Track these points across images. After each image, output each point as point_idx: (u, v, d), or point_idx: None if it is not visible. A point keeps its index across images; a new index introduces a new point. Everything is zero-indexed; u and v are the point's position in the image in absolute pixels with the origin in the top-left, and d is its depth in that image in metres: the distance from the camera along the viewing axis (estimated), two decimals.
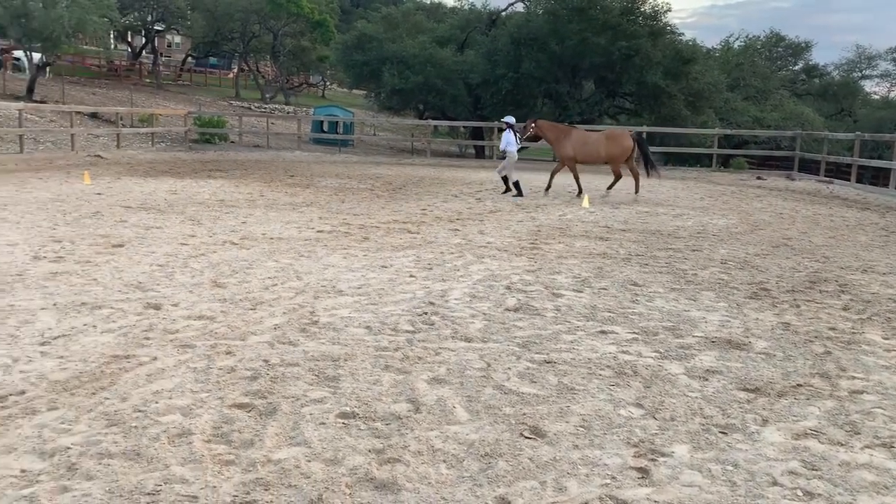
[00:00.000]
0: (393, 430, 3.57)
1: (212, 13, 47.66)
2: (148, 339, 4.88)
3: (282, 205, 12.58)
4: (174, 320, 5.34)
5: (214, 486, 2.94)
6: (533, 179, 17.80)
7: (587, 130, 17.71)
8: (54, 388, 3.94)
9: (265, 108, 46.99)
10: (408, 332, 5.25)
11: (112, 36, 50.94)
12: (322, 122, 35.16)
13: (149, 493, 2.87)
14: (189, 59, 61.01)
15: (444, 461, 3.27)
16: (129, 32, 52.91)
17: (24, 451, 3.20)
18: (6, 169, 17.30)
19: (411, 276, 7.15)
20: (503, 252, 8.58)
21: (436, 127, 35.73)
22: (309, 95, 62.02)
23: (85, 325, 5.14)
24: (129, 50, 56.51)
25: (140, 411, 3.68)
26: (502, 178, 15.92)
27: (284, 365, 4.44)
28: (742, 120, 33.01)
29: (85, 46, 46.14)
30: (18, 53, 40.35)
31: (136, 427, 3.49)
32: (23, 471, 3.03)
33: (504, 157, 15.85)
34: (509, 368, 4.51)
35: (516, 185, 15.31)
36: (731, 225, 11.74)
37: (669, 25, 32.56)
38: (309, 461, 3.20)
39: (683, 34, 48.99)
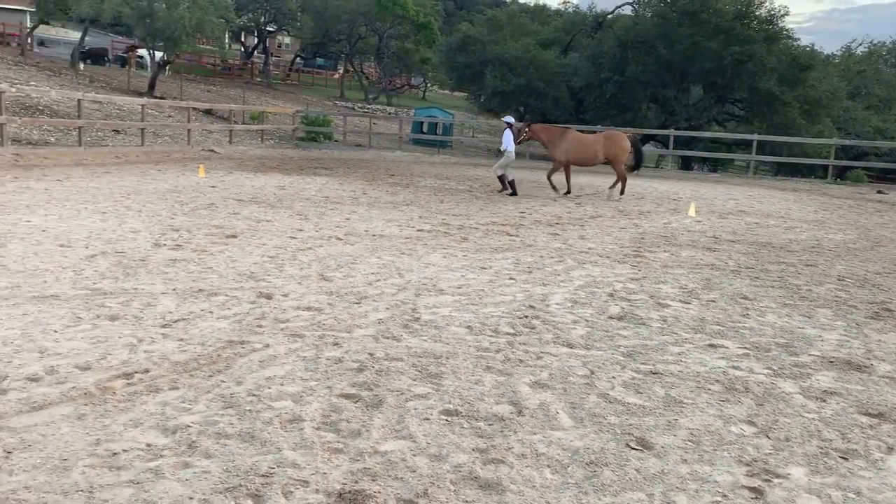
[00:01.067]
0: (496, 430, 3.57)
1: (321, 15, 49.19)
2: (260, 326, 5.07)
3: (383, 203, 12.82)
4: (284, 310, 5.53)
5: (324, 473, 3.03)
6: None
7: (583, 132, 17.71)
8: (175, 369, 4.16)
9: (368, 108, 48.07)
10: (508, 334, 5.23)
11: (227, 36, 53.37)
12: (422, 123, 35.61)
13: (263, 475, 2.98)
14: (297, 59, 63.17)
15: (549, 466, 3.24)
16: (243, 33, 55.34)
17: (149, 427, 3.40)
18: (129, 160, 18.41)
19: (511, 278, 7.14)
20: (605, 258, 8.43)
21: None
22: (410, 97, 62.99)
23: (202, 310, 5.40)
24: (243, 50, 59.06)
25: (254, 395, 3.83)
26: (498, 177, 15.89)
27: (389, 359, 4.52)
28: (862, 130, 31.20)
29: (202, 46, 48.59)
30: (142, 52, 42.95)
31: (250, 410, 3.63)
32: (148, 445, 3.22)
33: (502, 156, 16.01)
34: (614, 377, 4.42)
35: (511, 184, 15.55)
36: (848, 240, 11.10)
37: (786, 30, 31.22)
38: (414, 455, 3.24)
39: (800, 39, 46.68)
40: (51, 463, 2.99)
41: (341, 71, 62.38)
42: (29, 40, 41.67)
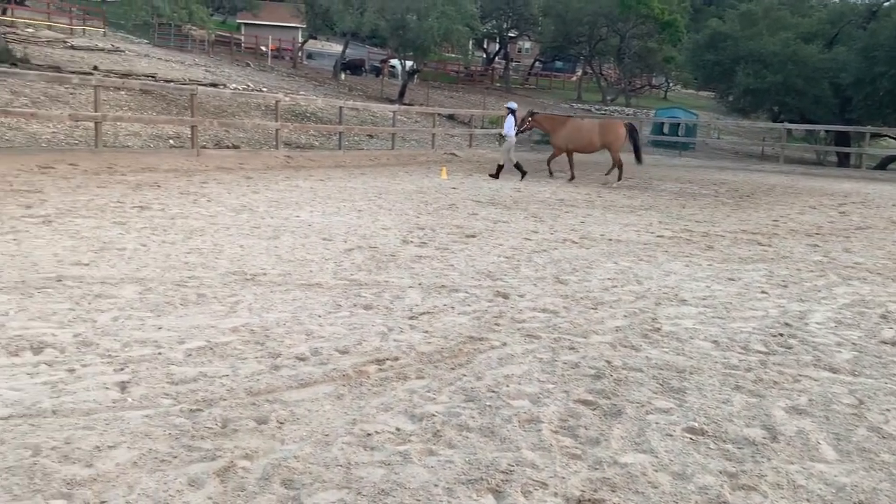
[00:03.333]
0: (746, 455, 3.31)
1: (562, 18, 49.34)
2: (498, 325, 5.19)
3: (620, 207, 12.54)
4: (521, 310, 5.61)
5: (563, 478, 3.01)
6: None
7: (583, 119, 18.85)
8: (421, 359, 4.39)
9: (605, 110, 47.33)
10: (760, 352, 4.84)
11: (471, 44, 55.58)
12: (662, 124, 34.27)
13: (503, 472, 3.04)
14: (536, 63, 63.98)
15: (808, 500, 2.94)
16: (486, 40, 57.20)
17: (398, 412, 3.61)
18: (380, 162, 19.87)
19: (763, 291, 6.60)
20: (876, 275, 7.49)
21: (790, 131, 32.61)
22: (650, 97, 60.96)
23: (445, 305, 5.65)
24: (484, 56, 61.09)
25: (493, 392, 3.92)
26: (504, 163, 16.65)
27: (627, 369, 4.39)
28: None
29: (447, 54, 51.10)
30: (394, 62, 46.22)
31: (490, 406, 3.73)
32: (397, 429, 3.42)
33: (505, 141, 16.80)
34: (888, 410, 3.90)
35: (499, 168, 16.50)
36: None
37: None
38: (656, 471, 3.11)
39: None
40: (315, 437, 3.29)
41: (579, 73, 62.11)
42: (300, 54, 46.71)
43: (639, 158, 17.63)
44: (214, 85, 25.27)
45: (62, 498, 2.68)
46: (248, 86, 28.77)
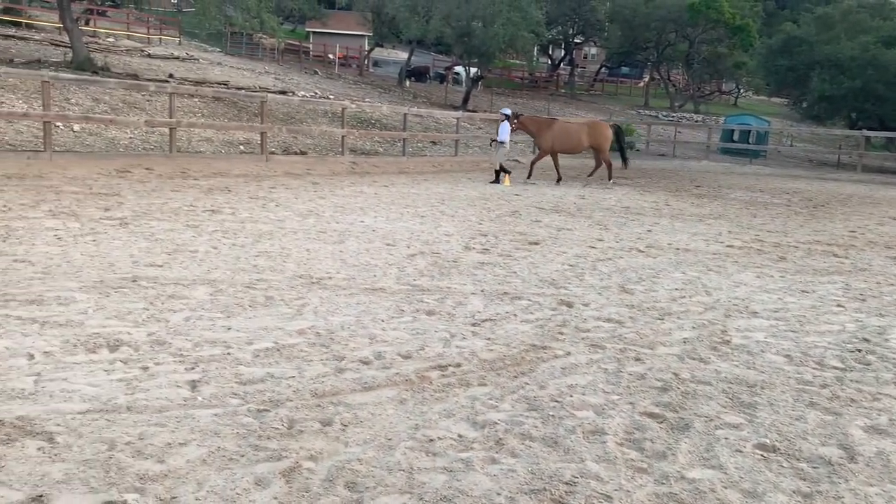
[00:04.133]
0: (822, 475, 3.18)
1: (629, 23, 48.68)
2: (562, 333, 5.13)
3: (688, 215, 12.26)
4: (585, 319, 5.54)
5: (628, 491, 2.95)
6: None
7: (568, 122, 18.90)
8: (483, 366, 4.38)
9: (673, 116, 46.44)
10: (836, 368, 4.65)
11: (535, 50, 55.37)
12: (733, 131, 33.38)
13: (566, 483, 2.99)
14: (602, 69, 63.26)
15: None
16: (551, 46, 56.84)
17: (461, 419, 3.61)
18: (443, 168, 19.96)
19: (839, 305, 6.34)
20: None
21: (869, 138, 31.33)
22: (720, 104, 59.55)
23: (507, 312, 5.62)
24: (549, 62, 60.73)
25: (556, 401, 3.87)
26: (496, 170, 16.36)
27: (695, 381, 4.27)
28: None
29: (512, 61, 51.00)
30: (458, 69, 46.40)
31: (553, 416, 3.68)
32: (460, 436, 3.42)
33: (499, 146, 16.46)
34: None
35: (497, 174, 16.28)
36: None
37: None
38: (725, 487, 3.02)
39: None
40: (378, 441, 3.32)
41: (646, 79, 61.12)
42: (366, 62, 47.39)
43: (625, 160, 18.42)
44: (283, 92, 25.86)
45: (135, 492, 2.76)
46: (316, 93, 29.34)
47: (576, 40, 55.47)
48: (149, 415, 3.42)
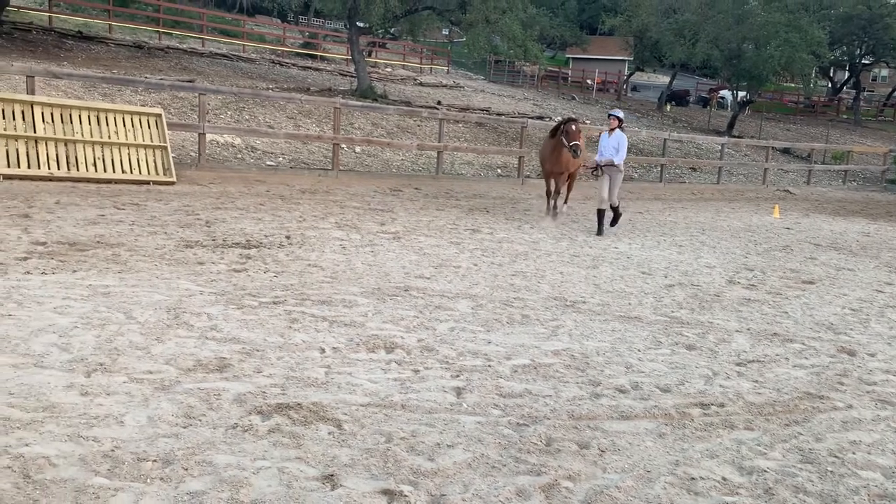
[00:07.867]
0: None
1: None
2: (842, 384, 4.65)
3: None
4: (870, 371, 4.96)
5: None
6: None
7: None
8: (750, 409, 4.11)
9: None
10: None
11: (814, 72, 50.69)
12: None
13: None
14: (895, 93, 56.14)
15: None
16: (832, 68, 51.73)
17: (725, 461, 3.42)
18: (703, 196, 19.03)
19: None
20: None
21: None
22: None
23: (777, 355, 5.22)
24: (829, 85, 55.30)
25: (836, 457, 3.52)
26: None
27: None
28: None
29: (785, 84, 47.16)
30: (723, 93, 44.00)
31: (832, 472, 3.36)
32: (724, 478, 3.25)
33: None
34: None
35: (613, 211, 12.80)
36: None
37: None
38: None
39: None
40: (636, 471, 3.27)
41: None
42: (624, 86, 46.81)
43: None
44: (541, 118, 26.45)
45: (409, 484, 3.01)
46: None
47: (863, 61, 49.86)
48: (420, 414, 3.70)
